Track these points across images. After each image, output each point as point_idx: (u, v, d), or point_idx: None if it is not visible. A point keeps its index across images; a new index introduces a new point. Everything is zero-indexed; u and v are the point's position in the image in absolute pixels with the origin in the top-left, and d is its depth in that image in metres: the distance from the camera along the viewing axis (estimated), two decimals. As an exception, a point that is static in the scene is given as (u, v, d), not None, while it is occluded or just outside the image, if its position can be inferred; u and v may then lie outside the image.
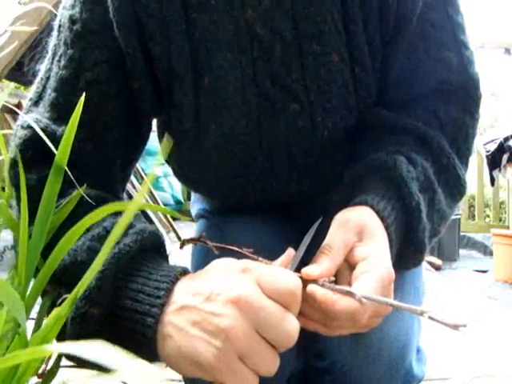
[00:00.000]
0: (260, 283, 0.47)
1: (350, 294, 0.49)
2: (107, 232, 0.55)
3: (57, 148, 0.52)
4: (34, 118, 0.64)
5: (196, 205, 0.97)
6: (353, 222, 0.56)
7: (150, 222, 3.28)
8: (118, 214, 0.60)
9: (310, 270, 0.51)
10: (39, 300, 0.52)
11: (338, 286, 0.50)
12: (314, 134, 0.72)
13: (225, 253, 0.57)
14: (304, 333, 0.50)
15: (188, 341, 0.45)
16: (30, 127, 0.63)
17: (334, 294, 0.49)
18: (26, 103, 0.70)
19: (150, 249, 0.55)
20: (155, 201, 3.77)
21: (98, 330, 0.50)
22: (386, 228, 0.58)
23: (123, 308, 0.50)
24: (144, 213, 3.28)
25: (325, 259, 0.53)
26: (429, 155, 0.68)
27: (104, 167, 0.68)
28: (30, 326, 0.44)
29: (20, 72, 3.08)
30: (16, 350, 0.41)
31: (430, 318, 0.45)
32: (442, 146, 0.68)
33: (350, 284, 0.53)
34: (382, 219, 0.58)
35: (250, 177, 0.77)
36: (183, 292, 0.49)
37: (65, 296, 0.51)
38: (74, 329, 0.50)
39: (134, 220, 0.62)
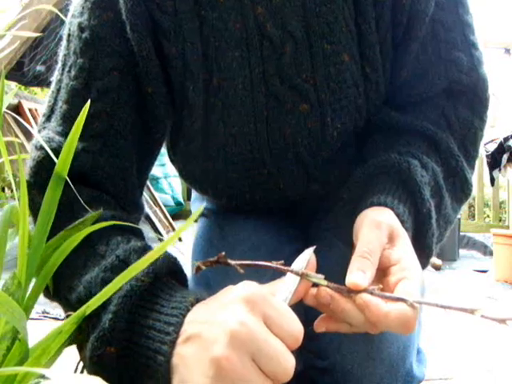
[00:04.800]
0: (266, 321, 0.44)
1: (402, 301, 0.48)
2: (120, 261, 0.55)
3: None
4: (46, 137, 0.63)
5: (197, 203, 0.97)
6: (385, 226, 0.55)
7: (150, 221, 3.28)
8: (130, 234, 0.59)
9: (358, 280, 0.50)
10: (39, 300, 0.52)
11: (387, 294, 0.49)
12: (323, 134, 0.72)
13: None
14: (304, 332, 0.50)
15: (187, 371, 0.45)
16: (43, 147, 0.63)
17: (385, 301, 0.49)
18: (39, 118, 0.70)
19: (165, 274, 0.54)
20: (156, 202, 3.77)
21: (116, 365, 0.50)
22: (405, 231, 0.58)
23: (137, 345, 0.49)
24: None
25: (368, 265, 0.51)
26: (438, 157, 0.67)
27: (121, 176, 0.67)
28: (30, 326, 0.44)
29: (20, 72, 3.08)
30: (16, 354, 0.41)
31: (482, 316, 0.45)
32: (450, 148, 0.68)
33: (383, 287, 0.52)
34: (402, 222, 0.58)
35: (257, 177, 0.76)
36: (191, 321, 0.48)
37: (68, 313, 0.51)
38: (93, 366, 0.51)
39: (143, 238, 0.61)
